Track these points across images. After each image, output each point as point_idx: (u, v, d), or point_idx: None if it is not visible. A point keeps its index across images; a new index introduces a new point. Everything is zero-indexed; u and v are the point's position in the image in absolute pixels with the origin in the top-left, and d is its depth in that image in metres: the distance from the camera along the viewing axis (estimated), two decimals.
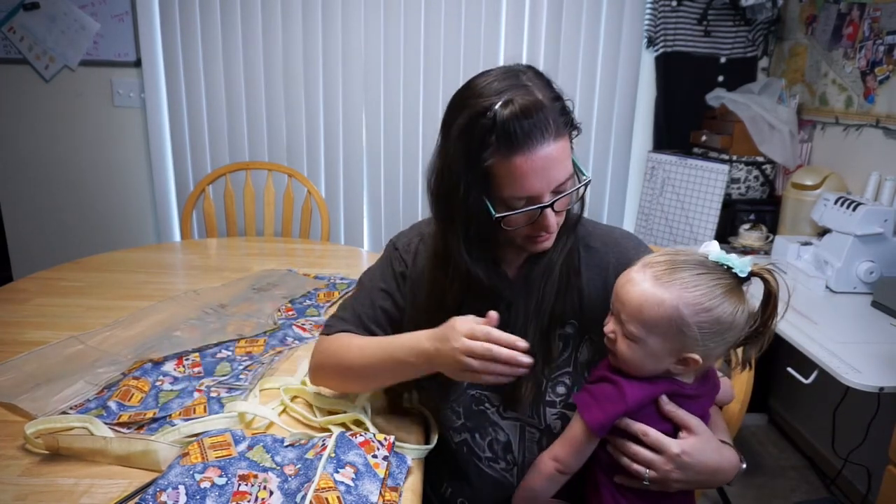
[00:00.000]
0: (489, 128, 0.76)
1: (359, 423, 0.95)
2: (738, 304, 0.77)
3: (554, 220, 0.84)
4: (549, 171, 0.79)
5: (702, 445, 0.81)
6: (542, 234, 0.86)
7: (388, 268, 0.99)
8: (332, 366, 0.95)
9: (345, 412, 0.97)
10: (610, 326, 0.83)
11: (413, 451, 0.90)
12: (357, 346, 0.92)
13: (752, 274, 0.78)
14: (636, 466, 0.81)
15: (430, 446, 0.93)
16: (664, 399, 0.81)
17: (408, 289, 0.97)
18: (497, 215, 0.81)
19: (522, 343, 0.77)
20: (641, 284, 0.78)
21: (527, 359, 0.76)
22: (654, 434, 0.80)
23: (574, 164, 0.84)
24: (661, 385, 0.81)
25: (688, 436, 0.81)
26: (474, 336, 0.77)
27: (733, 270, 0.77)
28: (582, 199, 0.90)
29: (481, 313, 0.81)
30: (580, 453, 0.84)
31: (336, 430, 0.89)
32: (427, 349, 0.82)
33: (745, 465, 0.86)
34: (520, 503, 0.91)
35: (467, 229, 0.84)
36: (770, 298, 0.78)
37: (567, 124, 0.81)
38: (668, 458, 0.79)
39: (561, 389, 0.91)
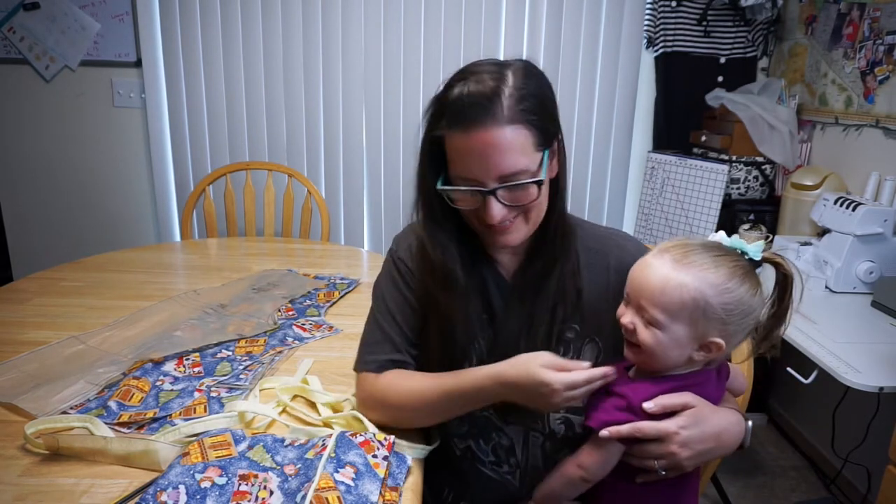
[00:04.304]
0: (442, 105, 0.82)
1: (359, 422, 0.95)
2: (757, 287, 0.78)
3: (498, 211, 0.82)
4: (489, 157, 0.78)
5: (698, 414, 0.80)
6: (496, 226, 0.84)
7: (399, 278, 0.96)
8: (391, 410, 0.92)
9: (347, 408, 0.97)
10: (628, 317, 0.81)
11: (414, 451, 0.90)
12: (417, 391, 0.89)
13: (763, 260, 0.79)
14: (647, 462, 0.80)
15: (432, 447, 0.92)
16: (647, 405, 0.80)
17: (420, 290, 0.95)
18: (440, 187, 0.84)
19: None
20: (661, 269, 0.77)
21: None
22: (647, 426, 0.79)
23: (542, 164, 0.82)
24: (667, 384, 0.81)
25: (683, 412, 0.80)
26: (575, 386, 0.78)
27: (747, 255, 0.78)
28: (556, 200, 0.88)
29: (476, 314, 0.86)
30: (605, 463, 0.83)
31: (336, 430, 0.89)
32: (509, 381, 0.82)
33: (750, 423, 0.86)
34: (540, 500, 0.91)
35: (431, 208, 0.87)
36: (786, 280, 0.79)
37: (529, 121, 0.79)
38: (669, 440, 0.79)
39: None
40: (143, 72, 2.50)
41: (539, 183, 0.81)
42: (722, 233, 0.82)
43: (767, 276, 0.81)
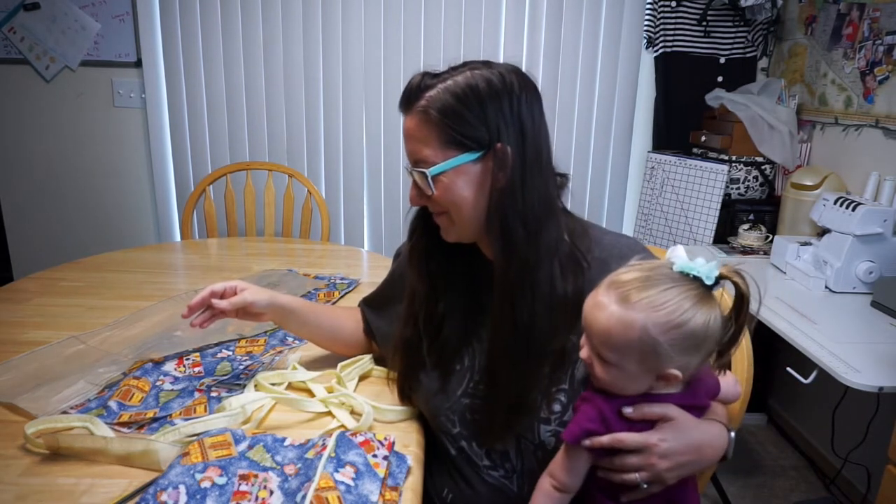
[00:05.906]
0: None
1: (355, 413, 0.98)
2: (710, 313, 0.75)
3: (412, 193, 0.89)
4: (406, 139, 0.88)
5: (679, 426, 0.79)
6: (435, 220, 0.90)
7: (394, 269, 1.09)
8: None
9: (346, 394, 1.00)
10: (585, 352, 0.80)
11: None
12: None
13: (720, 277, 0.76)
14: (627, 476, 0.79)
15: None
16: (626, 410, 0.79)
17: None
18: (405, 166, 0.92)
19: None
20: (608, 308, 0.76)
21: None
22: (628, 437, 0.78)
23: (449, 162, 0.85)
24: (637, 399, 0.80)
25: (663, 423, 0.80)
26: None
27: (701, 279, 0.75)
28: (502, 208, 0.84)
29: (459, 305, 0.93)
30: (571, 470, 0.82)
31: (336, 430, 0.89)
32: None
33: (733, 434, 0.85)
34: None
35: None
36: (742, 300, 0.77)
37: (437, 118, 0.84)
38: (649, 451, 0.78)
39: (556, 407, 0.89)
40: (144, 72, 2.51)
41: (424, 174, 0.85)
42: (679, 250, 0.78)
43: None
